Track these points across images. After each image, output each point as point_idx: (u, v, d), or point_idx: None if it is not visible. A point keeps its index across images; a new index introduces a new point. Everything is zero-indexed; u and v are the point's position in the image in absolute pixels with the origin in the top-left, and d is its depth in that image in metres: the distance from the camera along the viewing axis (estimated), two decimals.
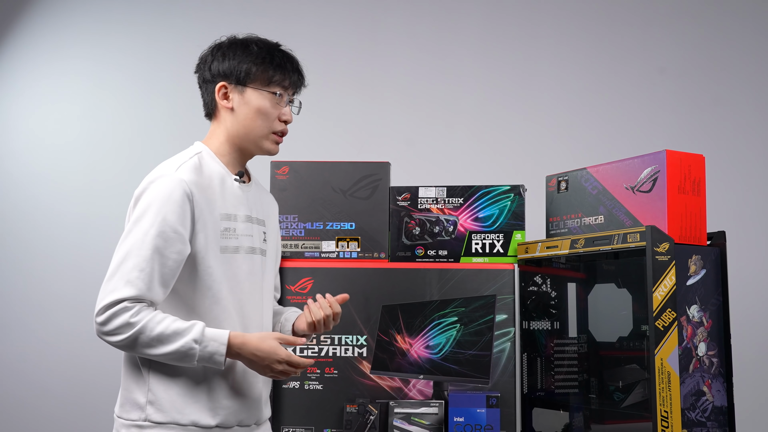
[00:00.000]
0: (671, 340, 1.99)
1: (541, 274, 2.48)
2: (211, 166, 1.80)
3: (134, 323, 1.62)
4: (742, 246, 2.87)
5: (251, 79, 1.79)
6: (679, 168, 2.12)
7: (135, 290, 1.64)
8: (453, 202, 2.54)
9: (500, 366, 2.42)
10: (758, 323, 3.03)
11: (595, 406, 2.39)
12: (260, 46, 1.83)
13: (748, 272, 3.00)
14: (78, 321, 3.32)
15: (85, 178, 3.43)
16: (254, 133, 1.81)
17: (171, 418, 1.69)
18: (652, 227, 2.02)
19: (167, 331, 1.63)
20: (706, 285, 2.10)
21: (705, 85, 3.26)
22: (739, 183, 3.17)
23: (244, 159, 1.87)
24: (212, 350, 1.65)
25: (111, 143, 3.45)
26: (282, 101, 1.82)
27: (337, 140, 3.27)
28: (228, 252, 1.75)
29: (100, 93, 3.49)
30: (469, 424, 2.35)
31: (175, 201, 1.68)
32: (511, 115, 3.29)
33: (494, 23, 3.36)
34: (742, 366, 2.43)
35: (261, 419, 1.86)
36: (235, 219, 1.78)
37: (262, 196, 1.95)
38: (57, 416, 3.29)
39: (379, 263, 2.52)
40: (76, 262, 3.37)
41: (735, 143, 3.20)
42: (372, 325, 2.48)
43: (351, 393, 2.45)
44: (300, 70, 1.87)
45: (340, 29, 3.35)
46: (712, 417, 2.08)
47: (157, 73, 3.47)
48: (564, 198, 2.41)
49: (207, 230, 1.72)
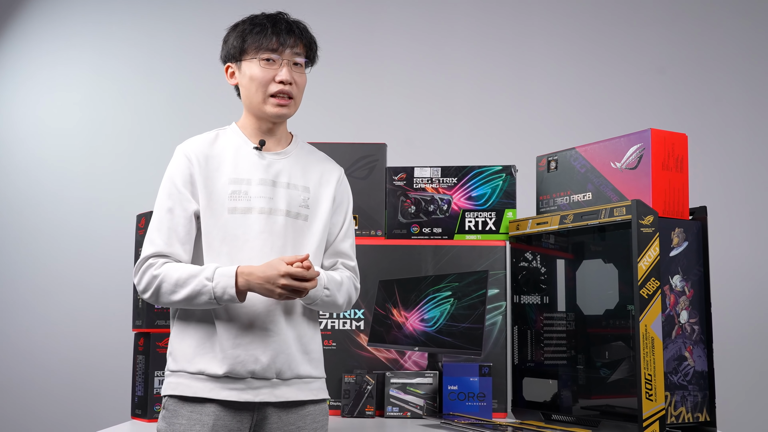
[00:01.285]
0: (655, 307, 2.10)
1: (531, 250, 2.59)
2: (229, 138, 1.93)
3: (157, 275, 1.78)
4: (722, 220, 2.98)
5: (244, 53, 1.90)
6: (663, 146, 2.23)
7: (155, 248, 1.81)
8: (447, 181, 2.64)
9: (492, 338, 2.52)
10: (737, 292, 3.14)
11: (582, 376, 2.49)
12: (247, 21, 1.92)
13: (728, 244, 3.11)
14: (82, 303, 3.40)
15: (86, 163, 3.50)
16: (254, 100, 1.90)
17: (181, 366, 1.81)
18: (638, 201, 2.12)
19: (183, 275, 1.76)
20: (688, 256, 2.21)
21: (688, 68, 3.37)
22: (719, 161, 3.28)
23: (266, 128, 1.94)
24: (224, 285, 1.74)
25: (111, 130, 3.52)
26: (275, 65, 1.88)
27: (336, 123, 3.35)
28: (237, 212, 1.84)
29: (101, 81, 3.56)
30: (462, 392, 2.45)
31: (177, 166, 1.87)
32: (503, 99, 3.39)
33: (488, 10, 3.45)
34: (722, 333, 2.53)
35: (284, 374, 1.84)
36: (248, 183, 1.87)
37: (311, 165, 1.98)
38: (63, 396, 3.36)
39: (376, 240, 2.61)
40: (79, 245, 3.44)
41: (716, 123, 3.31)
42: (369, 299, 2.57)
43: (349, 364, 2.54)
44: (292, 30, 1.89)
45: (339, 15, 3.44)
46: (693, 381, 2.18)
47: (157, 63, 3.54)
48: (553, 177, 2.51)
49: (209, 194, 1.84)
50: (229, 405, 1.80)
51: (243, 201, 1.86)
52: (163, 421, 1.81)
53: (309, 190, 1.94)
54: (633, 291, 2.10)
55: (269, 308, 1.83)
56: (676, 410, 2.13)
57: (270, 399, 1.82)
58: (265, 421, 1.84)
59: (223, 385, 1.79)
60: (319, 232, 1.94)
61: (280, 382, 1.84)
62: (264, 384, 1.82)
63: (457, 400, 2.45)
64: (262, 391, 1.82)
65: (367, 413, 2.46)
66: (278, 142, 1.97)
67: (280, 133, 1.97)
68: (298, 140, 2.03)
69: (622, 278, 2.37)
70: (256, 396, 1.81)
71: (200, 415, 1.77)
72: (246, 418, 1.82)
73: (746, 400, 3.10)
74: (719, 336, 2.36)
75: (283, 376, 1.84)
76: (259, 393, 1.81)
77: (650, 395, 2.06)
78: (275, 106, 1.89)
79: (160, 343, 2.38)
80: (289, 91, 1.89)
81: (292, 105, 1.91)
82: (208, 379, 1.79)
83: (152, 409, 2.36)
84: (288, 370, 1.85)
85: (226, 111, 3.28)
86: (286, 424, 1.85)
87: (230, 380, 1.80)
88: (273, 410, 1.84)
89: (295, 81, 1.90)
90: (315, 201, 1.94)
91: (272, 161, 1.92)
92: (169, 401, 1.81)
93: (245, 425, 1.82)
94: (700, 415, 2.18)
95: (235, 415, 1.80)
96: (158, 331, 2.39)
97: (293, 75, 1.89)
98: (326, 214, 1.96)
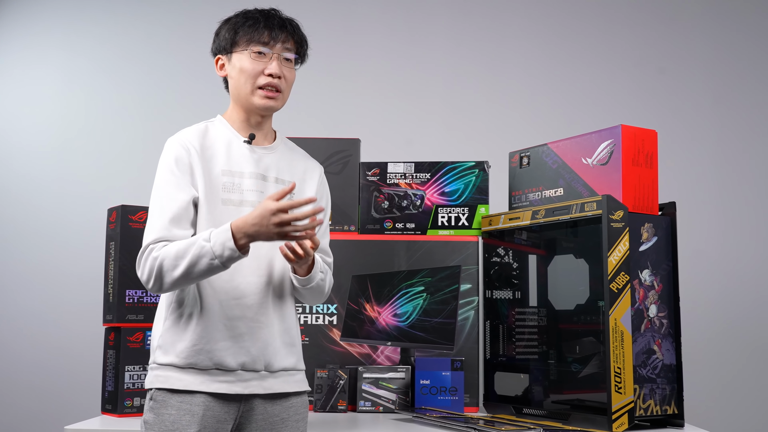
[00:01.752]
0: (624, 301, 2.13)
1: (503, 246, 2.60)
2: (219, 131, 1.94)
3: (158, 255, 1.76)
4: (691, 216, 3.01)
5: (235, 45, 1.92)
6: (633, 142, 2.25)
7: (156, 233, 1.79)
8: (420, 177, 2.65)
9: (464, 333, 2.54)
10: (705, 287, 3.19)
11: (553, 370, 2.51)
12: (239, 14, 1.95)
13: (696, 240, 3.15)
14: (50, 298, 3.36)
15: (57, 158, 3.46)
16: (242, 92, 1.92)
17: (170, 359, 1.81)
18: (608, 196, 2.15)
19: (182, 246, 1.75)
20: (657, 251, 2.24)
21: (656, 65, 3.41)
22: (688, 157, 3.32)
23: (254, 121, 1.96)
24: (222, 241, 1.72)
25: (83, 124, 3.48)
26: (265, 58, 1.91)
27: (310, 118, 3.34)
28: (230, 204, 1.86)
29: (72, 77, 3.51)
30: (434, 386, 2.47)
31: (175, 154, 1.86)
32: (476, 95, 3.40)
33: (462, 8, 3.47)
34: (690, 327, 2.57)
35: (273, 366, 1.86)
36: (241, 176, 1.89)
37: (295, 161, 2.01)
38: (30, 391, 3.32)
39: (349, 235, 2.62)
40: (49, 240, 3.40)
41: (685, 120, 3.36)
42: (342, 294, 2.58)
43: (322, 359, 2.54)
44: (284, 25, 1.93)
45: (314, 11, 3.43)
46: (662, 374, 2.21)
47: (128, 58, 3.51)
48: (526, 173, 2.53)
49: (205, 183, 1.85)
50: (218, 396, 1.80)
51: (236, 193, 1.87)
52: (151, 412, 1.80)
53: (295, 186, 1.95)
54: (603, 285, 2.12)
55: (260, 300, 1.85)
56: (645, 403, 2.16)
57: (259, 391, 1.84)
58: (252, 411, 1.85)
59: (213, 378, 1.80)
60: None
61: (268, 374, 1.86)
62: (253, 376, 1.84)
63: (429, 394, 2.46)
64: (252, 383, 1.83)
65: (340, 408, 2.47)
66: (266, 137, 1.99)
67: (267, 128, 1.99)
68: (282, 136, 2.04)
69: (593, 273, 2.40)
70: (246, 388, 1.83)
71: (190, 405, 1.78)
72: (233, 408, 1.83)
73: (713, 393, 3.14)
74: (687, 330, 2.39)
75: (271, 368, 1.86)
76: (248, 385, 1.83)
77: (619, 388, 2.08)
78: (263, 98, 1.91)
79: (131, 337, 2.37)
80: (278, 85, 1.91)
81: (280, 98, 1.93)
82: (198, 372, 1.80)
83: (123, 404, 2.34)
84: (276, 363, 1.87)
85: (197, 106, 3.26)
86: (271, 415, 1.87)
87: (220, 372, 1.81)
88: (260, 401, 1.86)
89: (284, 75, 1.92)
90: (299, 197, 1.94)
91: (262, 155, 1.94)
92: (157, 393, 1.81)
93: (232, 415, 1.83)
94: (668, 407, 2.21)
95: (224, 405, 1.81)
96: (129, 326, 2.37)
97: (283, 69, 1.91)
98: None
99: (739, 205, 3.30)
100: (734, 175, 3.33)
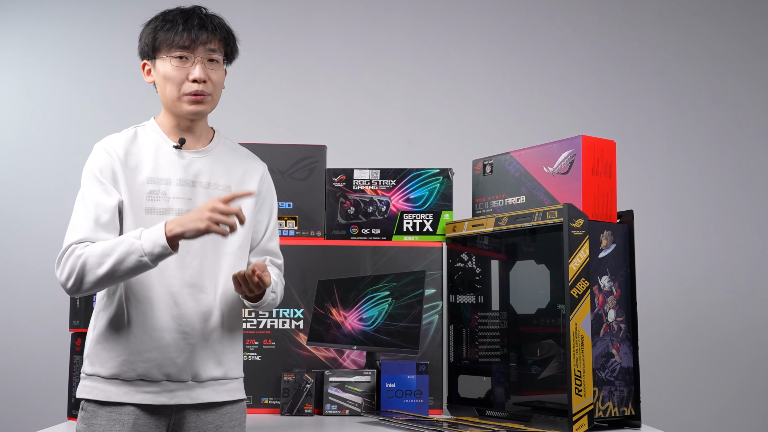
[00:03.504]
0: (584, 306, 2.19)
1: (467, 251, 2.66)
2: (148, 136, 1.89)
3: (81, 254, 1.72)
4: (647, 223, 3.11)
5: (157, 50, 1.86)
6: (593, 152, 2.32)
7: (80, 235, 1.76)
8: (386, 183, 2.70)
9: (429, 337, 2.59)
10: (661, 292, 3.28)
11: (515, 373, 2.57)
12: (159, 17, 1.88)
13: (653, 247, 3.25)
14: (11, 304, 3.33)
15: (16, 157, 3.42)
16: (169, 99, 1.87)
17: (95, 370, 1.80)
18: (569, 205, 2.21)
19: (110, 245, 1.70)
20: (615, 258, 2.31)
21: (616, 75, 3.50)
22: (645, 167, 3.42)
23: (185, 125, 1.91)
24: (154, 237, 1.67)
25: (42, 125, 3.44)
26: (188, 62, 1.85)
27: (273, 125, 3.36)
28: (155, 213, 1.82)
29: (31, 76, 3.48)
30: (400, 389, 2.51)
31: (98, 160, 1.83)
32: (441, 103, 3.46)
33: (422, 18, 3.52)
34: (647, 331, 2.65)
35: (200, 376, 1.83)
36: (168, 183, 1.84)
37: (233, 162, 1.97)
38: None
39: (315, 241, 2.65)
40: (7, 243, 3.36)
41: (642, 131, 3.46)
42: (308, 299, 2.61)
43: (288, 363, 2.57)
44: (204, 25, 1.85)
45: (274, 19, 3.46)
46: (620, 376, 2.28)
47: (91, 51, 3.48)
48: (489, 180, 2.59)
49: (129, 191, 1.81)
50: (146, 406, 1.79)
51: (161, 201, 1.83)
52: (82, 422, 1.80)
53: (230, 189, 1.92)
54: (564, 291, 2.19)
55: (186, 310, 1.82)
56: (604, 405, 2.23)
57: (186, 401, 1.82)
58: (183, 420, 1.84)
59: (137, 389, 1.78)
60: (242, 231, 1.92)
61: (195, 384, 1.84)
62: (179, 386, 1.82)
63: (394, 397, 2.51)
64: (178, 394, 1.81)
65: (306, 411, 2.50)
66: (198, 140, 1.94)
67: (199, 130, 1.94)
68: (221, 136, 1.99)
69: (554, 278, 2.46)
70: (172, 399, 1.81)
71: (120, 415, 1.77)
72: (164, 418, 1.82)
73: (669, 395, 3.24)
74: (644, 334, 2.47)
75: (198, 379, 1.84)
76: (174, 395, 1.81)
77: (579, 390, 2.15)
78: (191, 104, 1.86)
79: None
80: (203, 90, 1.85)
81: (209, 101, 1.88)
82: (122, 383, 1.78)
83: None
84: (203, 372, 1.84)
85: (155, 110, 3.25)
86: (204, 423, 1.86)
87: (145, 383, 1.79)
88: (190, 411, 1.84)
89: (209, 78, 1.86)
90: (237, 200, 1.88)
91: (192, 160, 1.89)
92: (86, 404, 1.80)
93: (164, 424, 1.82)
94: (626, 409, 2.28)
95: (153, 415, 1.80)
96: None
97: (207, 72, 1.85)
98: (249, 213, 1.95)
99: (690, 212, 3.41)
100: (686, 183, 3.43)
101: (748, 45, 3.52)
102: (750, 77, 3.50)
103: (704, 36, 3.52)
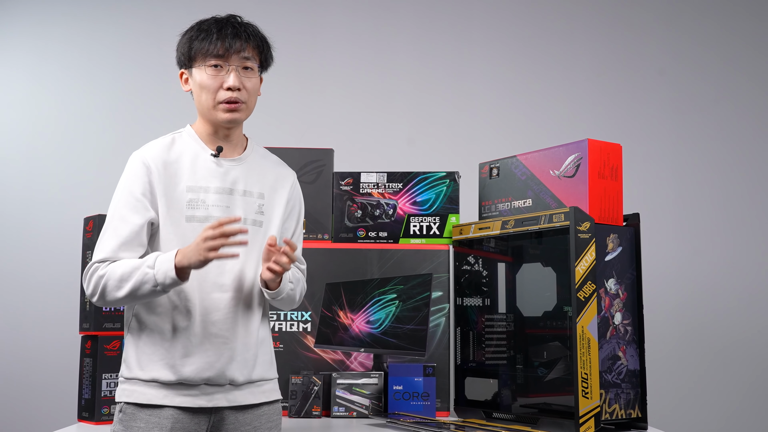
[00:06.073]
0: (591, 309, 2.20)
1: (473, 254, 2.67)
2: (186, 144, 1.91)
3: (103, 274, 1.78)
4: (654, 226, 3.11)
5: (194, 59, 1.89)
6: (599, 155, 2.34)
7: (104, 254, 1.80)
8: (393, 187, 2.71)
9: (435, 339, 2.60)
10: (667, 295, 3.29)
11: (521, 375, 2.58)
12: (194, 26, 1.91)
13: (659, 250, 3.26)
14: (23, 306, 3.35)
15: (27, 164, 3.45)
16: (205, 107, 1.89)
17: (134, 374, 1.82)
18: (575, 208, 2.22)
19: (128, 269, 1.76)
20: (622, 261, 2.32)
21: (622, 78, 3.51)
22: (651, 170, 3.43)
23: (222, 134, 1.93)
24: (165, 270, 1.73)
25: (54, 130, 3.47)
26: (222, 71, 1.87)
27: (281, 129, 3.37)
28: (195, 221, 1.84)
29: (41, 82, 3.50)
30: (407, 391, 2.52)
31: (136, 173, 1.85)
32: (448, 107, 3.47)
33: (429, 21, 3.54)
34: (653, 333, 2.66)
35: (238, 380, 1.86)
36: (206, 191, 1.87)
37: (265, 170, 1.99)
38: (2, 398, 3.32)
39: (323, 244, 2.67)
40: (20, 247, 3.39)
41: (649, 134, 3.47)
42: (316, 301, 2.62)
43: (296, 365, 2.58)
44: (238, 34, 1.87)
45: (282, 21, 3.47)
46: (626, 379, 2.29)
47: (98, 63, 3.51)
48: (495, 183, 2.60)
49: (168, 200, 1.84)
50: (185, 408, 1.82)
51: (201, 210, 1.86)
52: (120, 424, 1.82)
53: (264, 196, 1.95)
54: (570, 294, 2.20)
55: (226, 315, 1.84)
56: (610, 407, 2.24)
57: (224, 404, 1.85)
58: (223, 422, 1.86)
59: (176, 392, 1.81)
60: (276, 234, 1.96)
61: (233, 388, 1.86)
62: (217, 390, 1.84)
63: (402, 399, 2.52)
64: (216, 397, 1.84)
65: (314, 413, 2.51)
66: (234, 148, 1.96)
67: (236, 138, 1.96)
68: (253, 144, 2.02)
69: (560, 281, 2.47)
70: (210, 401, 1.83)
71: (158, 419, 1.79)
72: (203, 419, 1.84)
73: (675, 397, 3.25)
74: (650, 336, 2.48)
75: (236, 382, 1.86)
76: (212, 398, 1.83)
77: (586, 393, 2.16)
78: (226, 112, 1.88)
79: (107, 345, 2.39)
80: (238, 97, 1.87)
81: (244, 109, 1.90)
82: (161, 386, 1.81)
83: (100, 411, 2.36)
84: (241, 376, 1.87)
85: (168, 113, 3.27)
86: (243, 424, 1.88)
87: (184, 387, 1.81)
88: (229, 412, 1.87)
89: (244, 86, 1.88)
90: (269, 206, 1.95)
91: (229, 168, 1.92)
92: (126, 407, 1.82)
93: (202, 426, 1.84)
94: (633, 411, 2.29)
95: (193, 417, 1.82)
96: (106, 334, 2.40)
97: (242, 80, 1.87)
98: (279, 219, 1.98)
99: (696, 215, 3.41)
100: (692, 186, 3.44)
101: (752, 44, 3.53)
102: (755, 76, 3.50)
103: (709, 36, 3.53)
